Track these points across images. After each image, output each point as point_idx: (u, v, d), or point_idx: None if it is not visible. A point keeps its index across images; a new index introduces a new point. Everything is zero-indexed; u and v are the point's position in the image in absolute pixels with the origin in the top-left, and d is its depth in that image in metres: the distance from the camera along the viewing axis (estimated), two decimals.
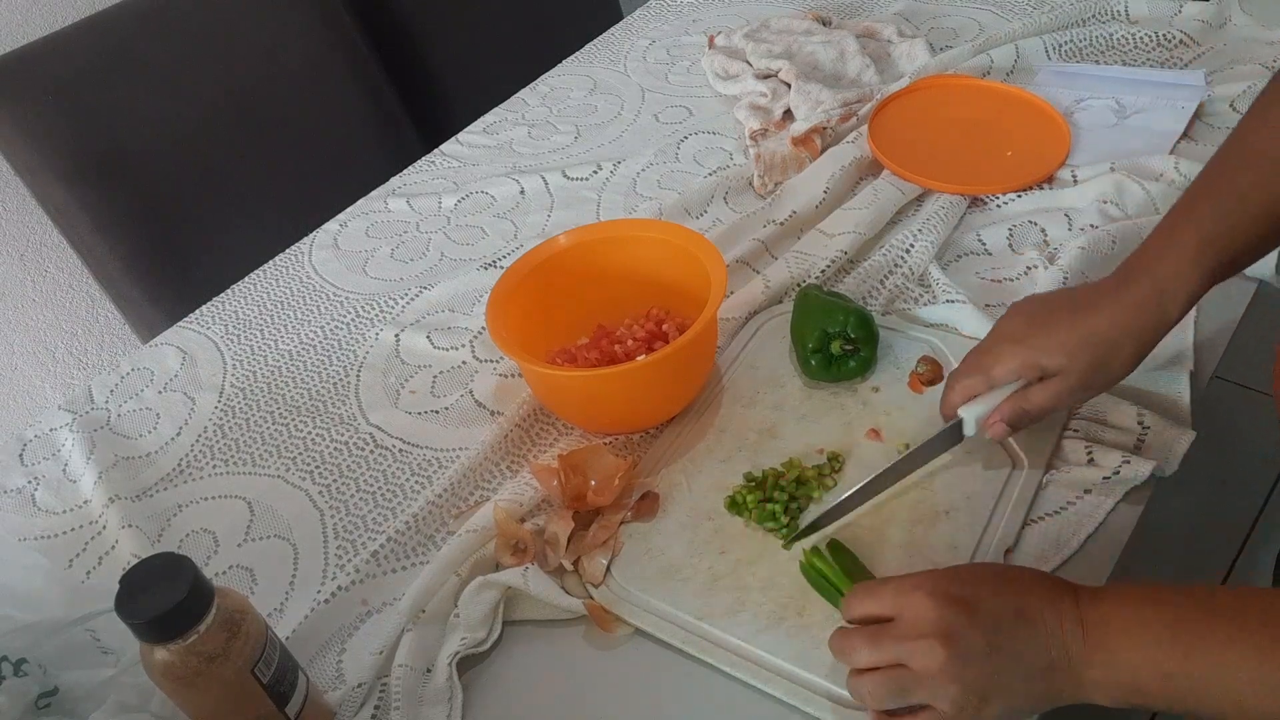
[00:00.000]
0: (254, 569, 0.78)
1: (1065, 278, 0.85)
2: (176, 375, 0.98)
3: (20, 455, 0.91)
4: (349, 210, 1.18)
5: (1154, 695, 0.51)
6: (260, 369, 0.97)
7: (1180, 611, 0.51)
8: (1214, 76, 1.09)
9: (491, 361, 0.92)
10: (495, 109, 1.33)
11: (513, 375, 0.90)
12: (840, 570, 0.64)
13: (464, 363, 0.93)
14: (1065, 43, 1.18)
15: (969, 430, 0.69)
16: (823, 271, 0.91)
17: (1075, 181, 0.98)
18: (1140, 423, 0.72)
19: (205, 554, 0.80)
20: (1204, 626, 0.50)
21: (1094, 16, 1.22)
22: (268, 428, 0.90)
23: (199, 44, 1.31)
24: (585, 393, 0.79)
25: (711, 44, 1.35)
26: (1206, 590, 0.52)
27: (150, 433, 0.92)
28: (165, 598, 0.53)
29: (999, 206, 0.98)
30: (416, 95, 1.56)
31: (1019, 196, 0.98)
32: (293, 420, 0.91)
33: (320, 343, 0.99)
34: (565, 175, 1.16)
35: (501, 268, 1.02)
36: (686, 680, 0.65)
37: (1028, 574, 0.57)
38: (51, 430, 0.93)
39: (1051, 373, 0.65)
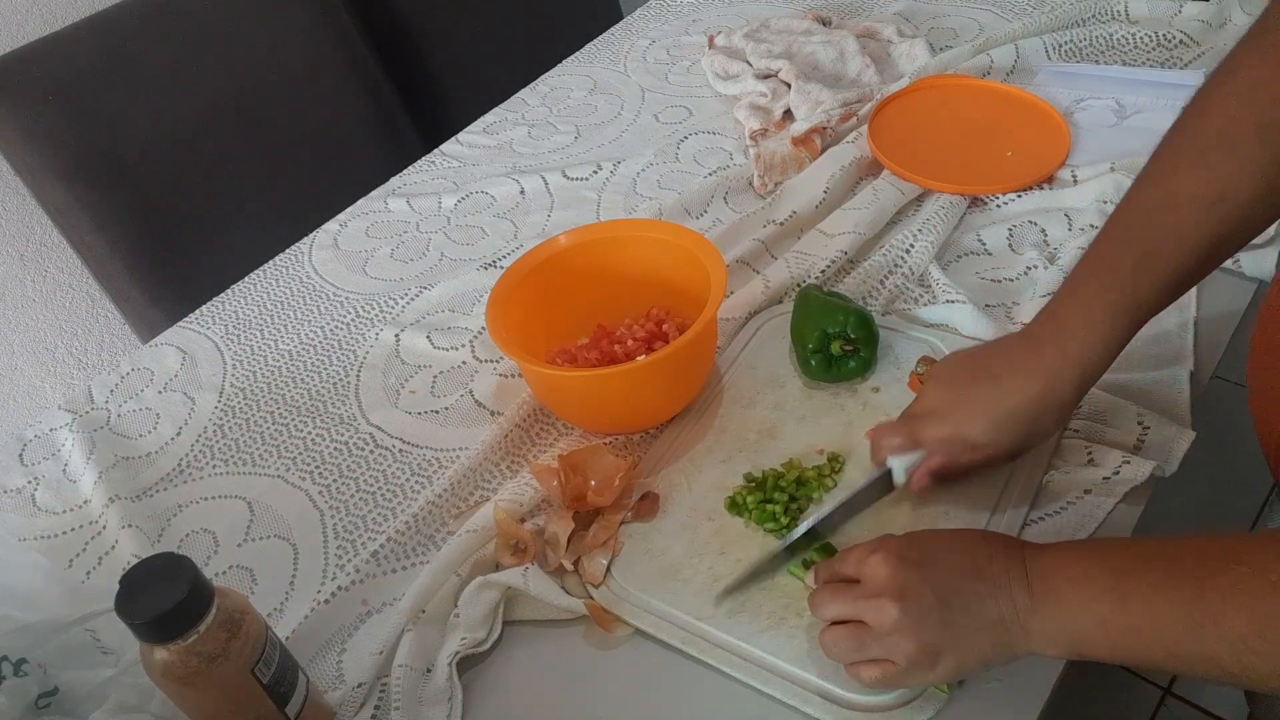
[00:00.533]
0: (254, 569, 0.78)
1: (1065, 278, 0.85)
2: (176, 375, 0.98)
3: (20, 455, 0.91)
4: (349, 210, 1.18)
5: (1096, 645, 0.52)
6: (260, 369, 0.97)
7: (1118, 561, 0.53)
8: None
9: (491, 361, 0.92)
10: (495, 109, 1.33)
11: (513, 375, 0.90)
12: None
13: (464, 363, 0.93)
14: (1065, 43, 1.18)
15: (898, 479, 0.68)
16: (823, 271, 0.91)
17: (1075, 181, 0.98)
18: (1140, 423, 0.72)
19: (205, 554, 0.80)
20: (1137, 575, 0.52)
21: (1094, 16, 1.22)
22: (268, 428, 0.90)
23: (199, 44, 1.31)
24: (585, 393, 0.79)
25: (711, 44, 1.35)
26: (1147, 541, 0.53)
27: (150, 433, 0.92)
28: (165, 598, 0.53)
29: (999, 206, 0.98)
30: (416, 95, 1.56)
31: (1019, 196, 0.98)
32: (293, 420, 0.91)
33: (320, 343, 0.99)
34: (565, 175, 1.16)
35: (501, 268, 1.02)
36: (686, 680, 0.65)
37: (980, 534, 0.60)
38: (51, 430, 0.93)
39: (980, 445, 0.65)
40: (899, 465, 0.67)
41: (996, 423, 0.64)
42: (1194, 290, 0.79)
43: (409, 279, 1.05)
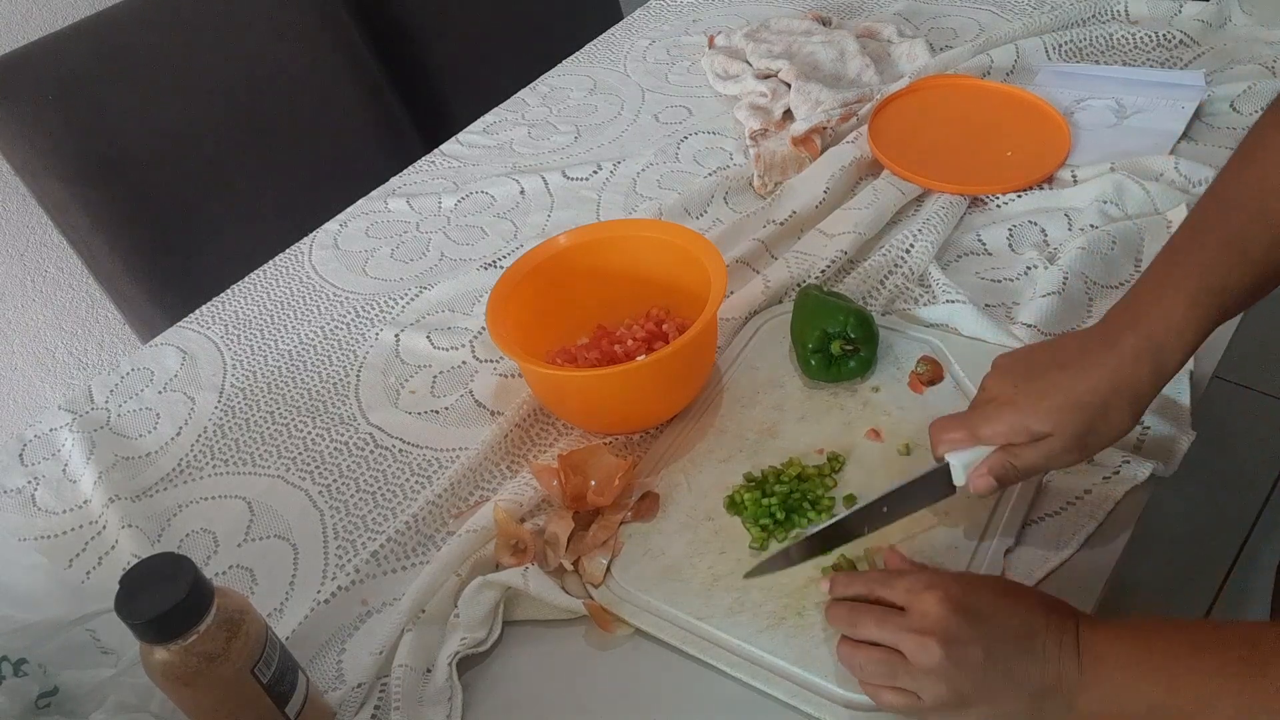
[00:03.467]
0: (254, 569, 0.78)
1: (1065, 277, 0.85)
2: (176, 375, 0.98)
3: (20, 455, 0.91)
4: (349, 210, 1.18)
5: None
6: (260, 369, 0.97)
7: (1169, 645, 0.52)
8: (1214, 76, 1.09)
9: (491, 361, 0.93)
10: (495, 109, 1.33)
11: (513, 375, 0.90)
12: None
13: (464, 363, 0.93)
14: (1065, 43, 1.18)
15: (958, 478, 0.64)
16: (823, 271, 0.91)
17: (1075, 181, 0.98)
18: (1140, 423, 0.72)
19: (205, 554, 0.80)
20: (1189, 660, 0.51)
21: (1094, 16, 1.22)
22: (268, 428, 0.90)
23: (199, 44, 1.31)
24: (585, 393, 0.79)
25: (711, 44, 1.35)
26: (1199, 624, 0.53)
27: (150, 433, 0.92)
28: (165, 598, 0.53)
29: (999, 206, 0.98)
30: (416, 95, 1.56)
31: (1019, 196, 0.98)
32: (293, 420, 0.91)
33: (320, 343, 0.99)
34: (565, 175, 1.16)
35: (501, 268, 1.02)
36: (686, 680, 0.65)
37: (1036, 596, 0.58)
38: (51, 430, 0.93)
39: (1041, 435, 0.61)
40: (959, 463, 0.64)
41: (1059, 411, 0.59)
42: None
43: (409, 279, 1.05)
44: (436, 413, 0.88)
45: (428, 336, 0.96)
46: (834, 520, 0.66)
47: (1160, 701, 0.51)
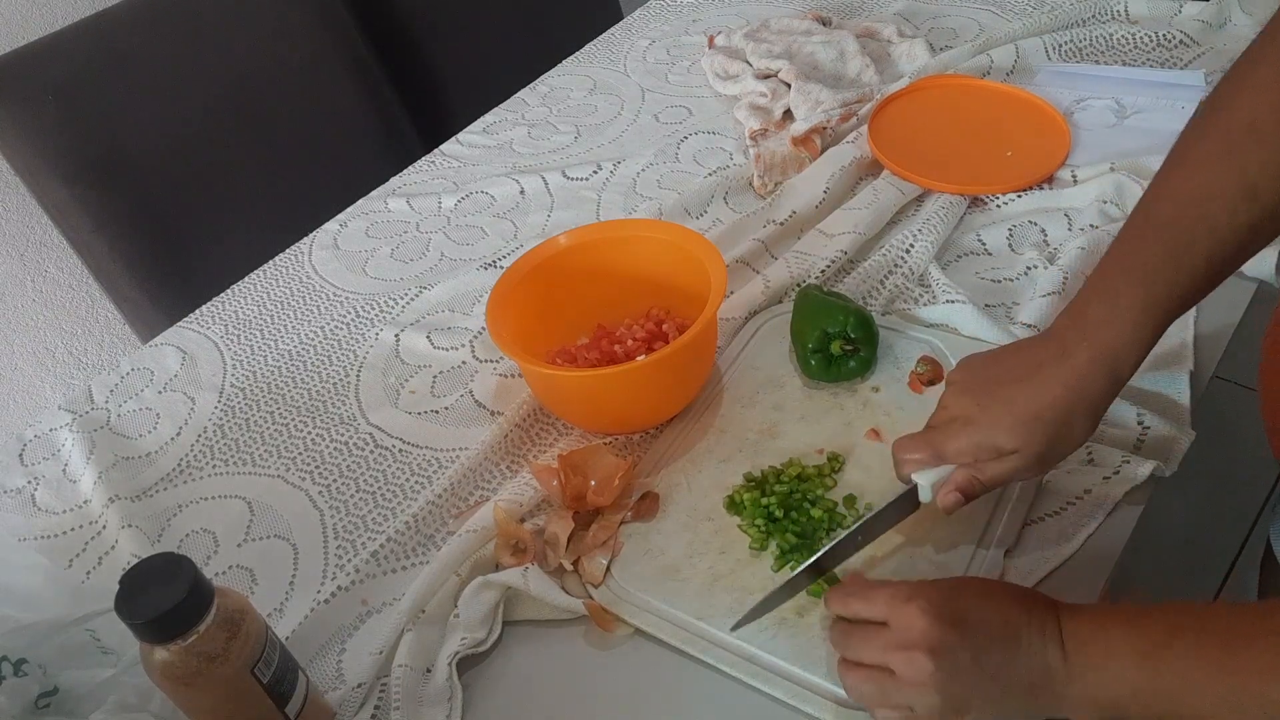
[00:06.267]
0: (254, 569, 0.78)
1: (1065, 277, 0.85)
2: (176, 375, 0.98)
3: (20, 455, 0.91)
4: (349, 210, 1.18)
5: (1130, 713, 0.52)
6: (260, 369, 0.97)
7: (1148, 629, 0.52)
8: (1214, 76, 1.09)
9: (491, 361, 0.93)
10: (495, 109, 1.33)
11: (513, 375, 0.90)
12: None
13: (464, 363, 0.93)
14: (1065, 43, 1.18)
15: (924, 496, 0.65)
16: (823, 271, 0.91)
17: (1075, 181, 0.98)
18: (1140, 423, 0.73)
19: (205, 554, 0.80)
20: (1171, 645, 0.51)
21: (1094, 16, 1.22)
22: (268, 428, 0.90)
23: (199, 44, 1.31)
24: (585, 393, 0.79)
25: (711, 44, 1.35)
26: (1180, 608, 0.53)
27: (150, 433, 0.92)
28: (165, 598, 0.53)
29: (999, 206, 0.98)
30: (416, 95, 1.56)
31: (1019, 196, 0.98)
32: (293, 420, 0.91)
33: (320, 343, 0.99)
34: (565, 175, 1.16)
35: (501, 268, 1.02)
36: (686, 680, 0.65)
37: (1015, 591, 0.58)
38: (51, 430, 0.93)
39: (1006, 451, 0.61)
40: (925, 481, 0.64)
41: (1024, 426, 0.60)
42: None
43: (409, 279, 1.05)
44: (436, 413, 0.88)
45: (428, 336, 0.96)
46: (809, 561, 0.65)
47: (1143, 685, 0.51)
